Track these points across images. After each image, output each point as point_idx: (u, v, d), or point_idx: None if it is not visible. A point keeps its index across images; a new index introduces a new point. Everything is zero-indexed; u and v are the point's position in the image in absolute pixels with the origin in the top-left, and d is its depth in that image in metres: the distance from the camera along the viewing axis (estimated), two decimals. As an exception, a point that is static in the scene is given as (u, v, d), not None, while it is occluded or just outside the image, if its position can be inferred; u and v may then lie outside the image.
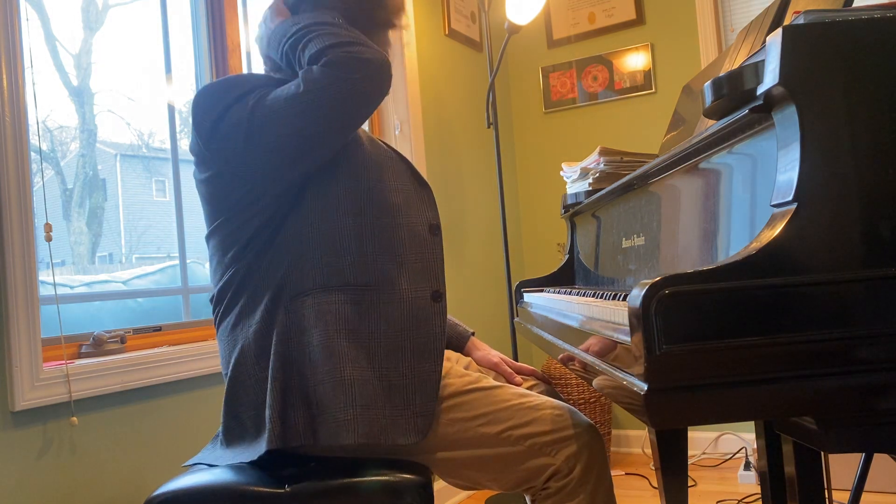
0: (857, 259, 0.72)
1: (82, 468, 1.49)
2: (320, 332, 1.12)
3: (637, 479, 2.86)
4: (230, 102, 1.13)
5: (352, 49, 1.11)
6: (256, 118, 1.10)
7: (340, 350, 1.11)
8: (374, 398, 1.10)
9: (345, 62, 1.10)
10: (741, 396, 0.69)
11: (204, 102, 1.15)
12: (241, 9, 2.17)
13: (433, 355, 1.16)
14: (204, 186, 1.20)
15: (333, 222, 1.16)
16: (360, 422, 1.08)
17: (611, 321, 0.91)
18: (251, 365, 1.15)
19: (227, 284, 1.20)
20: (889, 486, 2.35)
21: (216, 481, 1.09)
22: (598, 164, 1.66)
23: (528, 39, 3.55)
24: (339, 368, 1.10)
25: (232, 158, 1.13)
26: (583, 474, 1.13)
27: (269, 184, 1.14)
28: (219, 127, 1.13)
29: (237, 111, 1.12)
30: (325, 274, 1.15)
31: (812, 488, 1.26)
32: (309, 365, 1.11)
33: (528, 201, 3.58)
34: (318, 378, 1.11)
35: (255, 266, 1.17)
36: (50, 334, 1.53)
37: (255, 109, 1.11)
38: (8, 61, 1.43)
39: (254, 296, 1.17)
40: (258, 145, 1.11)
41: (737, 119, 0.86)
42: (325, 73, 1.09)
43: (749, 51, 1.21)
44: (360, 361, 1.11)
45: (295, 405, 1.11)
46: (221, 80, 1.17)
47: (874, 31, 0.75)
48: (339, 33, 1.14)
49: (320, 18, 1.18)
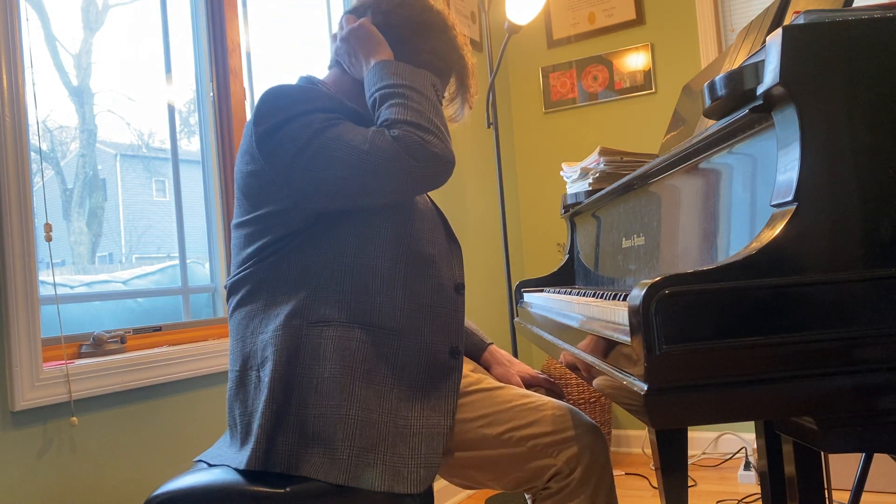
0: (857, 259, 0.72)
1: (82, 468, 1.49)
2: (335, 364, 1.10)
3: (637, 479, 2.86)
4: (296, 114, 1.13)
5: (426, 137, 1.13)
6: (314, 144, 1.11)
7: (353, 388, 1.09)
8: (376, 442, 1.07)
9: (414, 147, 1.11)
10: (741, 396, 0.69)
11: (271, 103, 1.14)
12: (241, 9, 2.17)
13: (444, 410, 1.14)
14: (242, 177, 1.19)
15: (368, 260, 1.16)
16: (355, 463, 1.05)
17: (611, 321, 0.91)
18: (254, 370, 1.14)
19: (242, 279, 1.19)
20: (889, 486, 2.35)
21: (216, 481, 1.09)
22: (598, 164, 1.66)
23: (528, 39, 3.55)
24: (347, 406, 1.08)
25: (277, 166, 1.13)
26: (584, 475, 1.13)
27: (303, 202, 1.13)
28: (276, 133, 1.12)
29: (299, 126, 1.12)
30: (352, 309, 1.13)
31: (812, 488, 1.26)
32: (314, 394, 1.09)
33: (528, 201, 3.58)
34: (321, 410, 1.08)
35: (275, 274, 1.16)
36: (50, 334, 1.53)
37: (317, 134, 1.11)
38: (8, 61, 1.43)
39: (271, 304, 1.16)
40: (305, 168, 1.11)
41: (737, 119, 0.86)
42: (392, 147, 1.10)
43: (749, 51, 1.21)
44: (370, 403, 1.09)
45: (286, 430, 1.08)
46: (297, 88, 1.16)
47: (874, 31, 0.75)
48: (424, 113, 1.16)
49: (420, 84, 1.21)
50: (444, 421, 1.12)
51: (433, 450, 1.09)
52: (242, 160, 1.19)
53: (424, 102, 1.18)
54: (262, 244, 1.17)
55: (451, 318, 1.21)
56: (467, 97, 1.39)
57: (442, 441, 1.11)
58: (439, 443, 1.10)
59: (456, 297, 1.23)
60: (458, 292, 1.24)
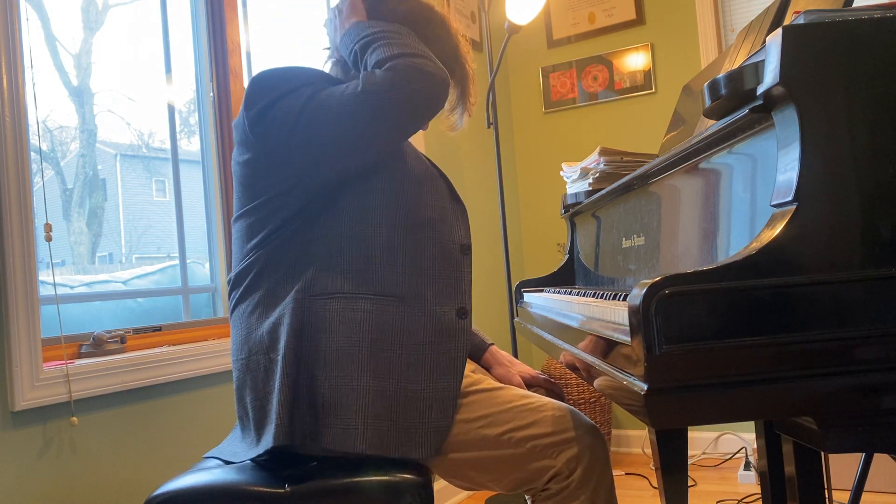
0: (857, 259, 0.72)
1: (82, 468, 1.49)
2: (342, 336, 1.11)
3: (637, 479, 2.86)
4: (285, 91, 1.14)
5: (416, 60, 1.14)
6: (307, 110, 1.12)
7: (361, 357, 1.11)
8: (388, 409, 1.10)
9: (407, 70, 1.12)
10: (741, 396, 0.69)
11: (259, 85, 1.16)
12: (241, 9, 2.17)
13: (452, 371, 1.15)
14: (240, 168, 1.20)
15: (367, 230, 1.17)
16: (371, 431, 1.08)
17: (611, 321, 0.91)
18: (262, 354, 1.15)
19: (245, 270, 1.20)
20: (889, 486, 2.35)
21: (216, 481, 1.09)
22: (598, 164, 1.66)
23: (528, 39, 3.55)
24: (357, 376, 1.10)
25: (274, 146, 1.14)
26: (583, 476, 1.13)
27: (304, 178, 1.14)
28: (268, 112, 1.14)
29: (290, 100, 1.13)
30: (354, 279, 1.15)
31: (812, 488, 1.26)
32: (323, 366, 1.11)
33: (528, 201, 3.58)
34: (332, 382, 1.10)
35: (277, 258, 1.17)
36: (50, 334, 1.53)
37: (308, 101, 1.12)
38: (8, 61, 1.43)
39: (275, 287, 1.17)
40: (303, 137, 1.12)
41: (737, 119, 0.86)
42: (386, 78, 1.11)
43: (749, 51, 1.21)
44: (380, 371, 1.11)
45: (302, 404, 1.11)
46: (281, 69, 1.18)
47: (874, 31, 0.75)
48: (409, 44, 1.17)
49: (396, 28, 1.21)
50: (453, 383, 1.14)
51: (444, 413, 1.12)
52: (237, 151, 1.20)
53: (405, 38, 1.19)
54: (264, 234, 1.17)
55: (458, 280, 1.22)
56: (467, 105, 1.39)
57: (452, 404, 1.13)
58: (449, 405, 1.13)
59: (461, 258, 1.24)
60: (465, 253, 1.25)
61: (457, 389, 1.15)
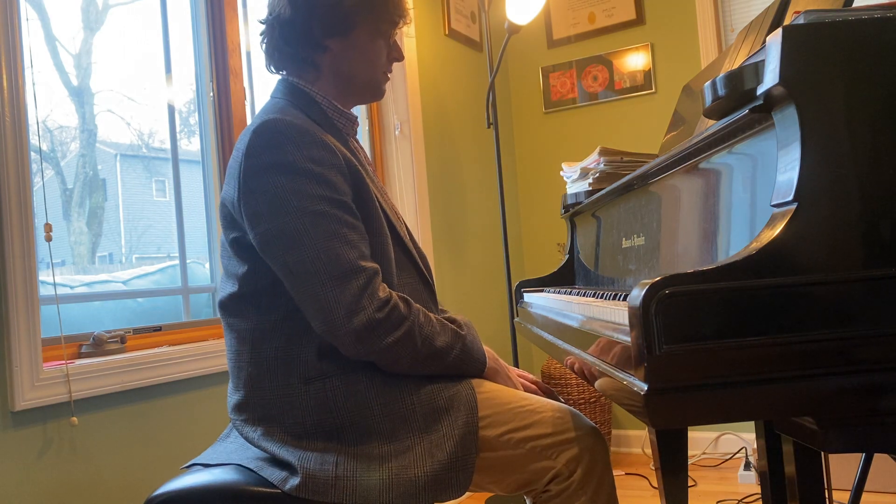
0: (857, 259, 0.72)
1: (82, 468, 1.49)
2: (351, 403, 1.11)
3: (637, 479, 2.86)
4: (288, 162, 1.09)
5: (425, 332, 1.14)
6: (292, 223, 1.07)
7: (372, 425, 1.11)
8: (414, 460, 1.09)
9: (410, 333, 1.11)
10: (741, 396, 0.69)
11: (265, 136, 1.11)
12: (241, 9, 2.17)
13: (466, 409, 1.14)
14: (225, 219, 1.19)
15: None
16: (396, 483, 1.06)
17: (611, 321, 0.91)
18: (295, 384, 1.13)
19: (236, 298, 1.18)
20: (889, 486, 2.35)
21: (216, 481, 1.09)
22: (598, 164, 1.66)
23: (528, 39, 3.55)
24: (380, 417, 1.11)
25: (248, 210, 1.11)
26: (584, 477, 1.13)
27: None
28: (261, 175, 1.09)
29: (288, 185, 1.09)
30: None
31: (812, 488, 1.26)
32: (352, 429, 1.11)
33: (528, 201, 3.58)
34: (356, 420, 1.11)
35: (265, 315, 1.16)
36: (50, 334, 1.53)
37: (300, 214, 1.08)
38: (8, 61, 1.43)
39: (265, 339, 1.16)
40: (268, 234, 1.09)
41: (737, 119, 0.86)
42: (368, 320, 1.07)
43: (749, 51, 1.21)
44: (399, 433, 1.11)
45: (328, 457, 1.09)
46: (293, 127, 1.12)
47: (874, 31, 0.75)
48: (429, 338, 1.15)
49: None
50: (470, 418, 1.14)
51: (467, 450, 1.12)
52: (230, 185, 1.16)
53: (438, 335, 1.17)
54: (250, 269, 1.16)
55: None
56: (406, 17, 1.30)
57: (473, 439, 1.13)
58: (472, 441, 1.12)
59: None
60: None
61: (475, 423, 1.14)
